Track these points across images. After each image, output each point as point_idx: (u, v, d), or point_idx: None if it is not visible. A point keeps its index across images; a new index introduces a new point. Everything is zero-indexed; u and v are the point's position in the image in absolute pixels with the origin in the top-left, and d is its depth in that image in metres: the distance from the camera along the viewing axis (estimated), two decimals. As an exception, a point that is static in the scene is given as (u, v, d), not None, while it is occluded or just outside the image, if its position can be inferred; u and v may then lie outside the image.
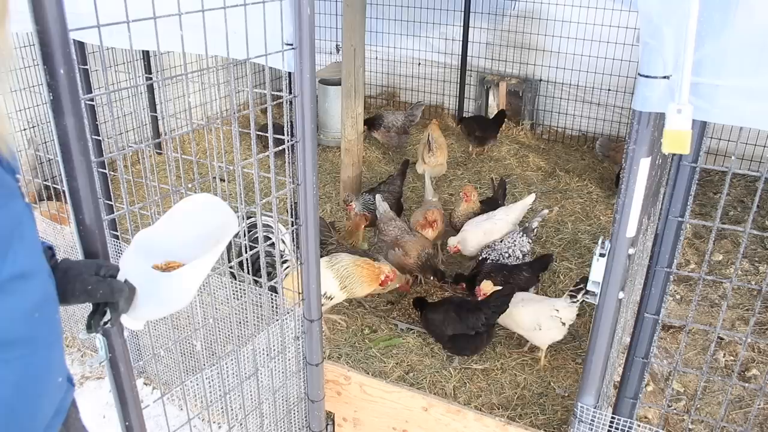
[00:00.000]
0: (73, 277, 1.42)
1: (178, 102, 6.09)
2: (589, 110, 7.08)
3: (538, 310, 3.68)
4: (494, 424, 2.65)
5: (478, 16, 7.22)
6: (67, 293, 1.41)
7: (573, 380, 3.68)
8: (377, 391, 2.88)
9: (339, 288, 3.85)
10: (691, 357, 3.88)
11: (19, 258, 1.16)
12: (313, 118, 2.27)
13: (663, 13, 1.57)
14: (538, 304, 3.74)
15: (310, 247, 2.53)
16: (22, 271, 1.17)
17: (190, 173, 5.70)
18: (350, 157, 5.35)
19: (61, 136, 1.42)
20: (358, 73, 4.90)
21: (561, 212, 5.62)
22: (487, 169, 6.48)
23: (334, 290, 3.86)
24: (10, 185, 1.20)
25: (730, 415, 3.44)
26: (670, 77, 1.64)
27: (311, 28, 2.11)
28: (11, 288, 1.15)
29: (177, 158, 5.23)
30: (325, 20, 7.73)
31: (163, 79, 2.06)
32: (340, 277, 3.83)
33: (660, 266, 1.95)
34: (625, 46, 6.54)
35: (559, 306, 3.68)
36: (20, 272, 1.16)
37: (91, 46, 4.13)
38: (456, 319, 3.65)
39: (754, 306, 4.17)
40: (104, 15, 1.54)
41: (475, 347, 3.74)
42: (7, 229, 1.14)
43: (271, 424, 2.87)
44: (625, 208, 1.85)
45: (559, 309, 3.66)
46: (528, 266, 4.22)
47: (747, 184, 6.11)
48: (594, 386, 2.17)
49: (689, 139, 1.59)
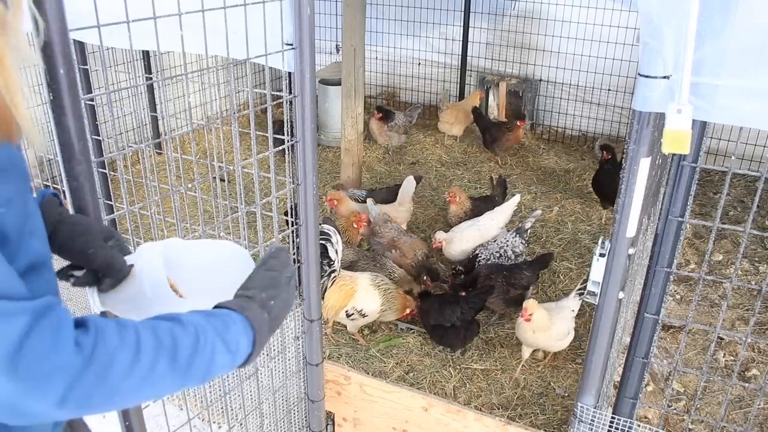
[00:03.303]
0: (79, 234, 1.32)
1: (178, 102, 6.09)
2: (589, 110, 7.08)
3: (565, 316, 3.66)
4: (494, 424, 2.65)
5: (478, 16, 7.22)
6: (65, 246, 1.31)
7: (573, 380, 3.68)
8: (377, 391, 2.88)
9: (378, 310, 3.88)
10: (691, 357, 3.88)
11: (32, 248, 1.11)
12: (313, 118, 2.27)
13: (663, 13, 1.57)
14: (562, 311, 3.70)
15: (310, 247, 2.54)
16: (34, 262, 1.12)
17: (190, 173, 5.70)
18: (350, 157, 5.35)
19: (61, 136, 1.42)
20: (358, 73, 4.90)
21: (561, 212, 5.62)
22: (486, 169, 6.48)
23: (373, 310, 3.87)
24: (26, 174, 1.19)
25: (730, 415, 3.44)
26: (670, 77, 1.64)
27: (311, 28, 2.11)
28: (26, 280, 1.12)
29: (177, 158, 5.23)
30: (325, 20, 7.73)
31: (163, 79, 2.06)
32: (384, 300, 3.87)
33: (660, 266, 1.95)
34: (625, 46, 6.54)
35: (573, 306, 3.72)
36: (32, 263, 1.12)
37: (91, 46, 4.14)
38: (437, 311, 3.76)
39: (754, 306, 4.17)
40: (104, 15, 1.54)
41: (454, 340, 3.80)
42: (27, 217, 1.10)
43: (271, 424, 2.87)
44: (625, 208, 1.85)
45: (574, 309, 3.71)
46: (528, 265, 4.23)
47: (747, 184, 6.11)
48: (594, 386, 2.17)
49: (689, 139, 1.59)
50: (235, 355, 1.17)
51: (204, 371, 1.11)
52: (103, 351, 0.98)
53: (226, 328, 1.15)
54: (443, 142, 7.06)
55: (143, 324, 1.07)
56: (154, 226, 2.08)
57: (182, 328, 1.09)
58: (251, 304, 1.24)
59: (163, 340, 1.06)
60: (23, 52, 1.04)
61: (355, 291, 3.83)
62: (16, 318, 0.91)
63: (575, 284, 4.55)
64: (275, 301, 1.28)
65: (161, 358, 1.04)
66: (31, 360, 0.90)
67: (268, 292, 1.28)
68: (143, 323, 1.08)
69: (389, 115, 6.54)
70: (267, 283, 1.31)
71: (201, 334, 1.10)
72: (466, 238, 4.51)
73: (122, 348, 1.00)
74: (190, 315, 1.15)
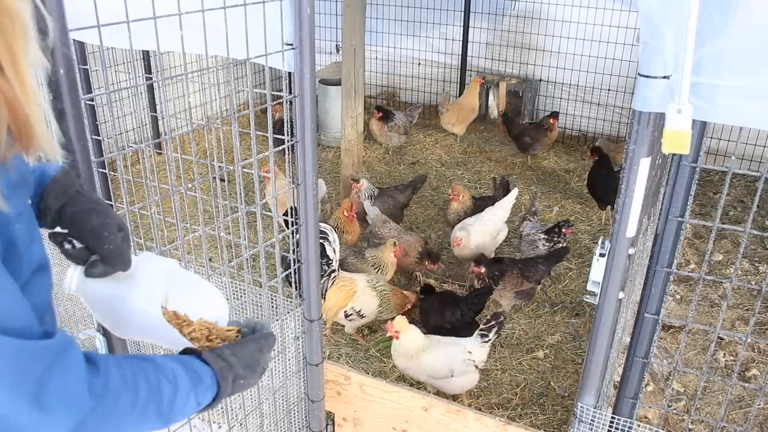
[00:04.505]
0: (98, 213, 1.28)
1: (178, 102, 6.09)
2: (589, 110, 7.08)
3: (451, 354, 3.31)
4: (494, 424, 2.64)
5: (478, 16, 7.22)
6: (77, 220, 1.27)
7: (573, 380, 3.68)
8: (377, 391, 2.88)
9: (376, 311, 3.90)
10: (691, 357, 3.88)
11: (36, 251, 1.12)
12: (313, 118, 2.27)
13: (663, 13, 1.57)
14: (450, 347, 3.36)
15: (310, 247, 2.53)
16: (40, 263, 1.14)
17: (190, 173, 5.70)
18: (350, 157, 5.35)
19: (61, 136, 1.42)
20: (358, 73, 4.90)
21: (561, 212, 5.63)
22: (487, 169, 6.49)
23: (371, 311, 3.90)
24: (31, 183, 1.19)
25: (730, 415, 3.44)
26: (670, 77, 1.64)
27: (311, 28, 2.11)
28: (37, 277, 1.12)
29: (177, 158, 5.23)
30: (325, 20, 7.73)
31: (163, 79, 2.06)
32: (381, 300, 3.89)
33: (660, 266, 1.95)
34: (625, 46, 6.54)
35: (472, 347, 3.35)
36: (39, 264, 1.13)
37: (91, 46, 4.13)
38: (438, 311, 3.76)
39: (754, 306, 4.17)
40: (104, 15, 1.54)
41: None
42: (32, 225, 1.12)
43: (271, 424, 2.87)
44: (625, 208, 1.85)
45: (472, 351, 3.33)
46: (544, 259, 4.24)
47: (747, 184, 6.11)
48: (594, 386, 2.17)
49: (689, 139, 1.59)
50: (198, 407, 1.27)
51: (176, 416, 1.22)
52: (109, 392, 1.06)
53: (200, 382, 1.25)
54: (443, 142, 7.06)
55: (137, 366, 1.14)
56: (154, 226, 2.08)
57: (165, 377, 1.18)
58: (227, 374, 1.30)
59: (153, 386, 1.14)
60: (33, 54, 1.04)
61: (355, 292, 3.83)
62: (42, 355, 0.97)
63: (575, 284, 4.56)
64: (243, 381, 1.34)
65: (152, 403, 1.14)
66: (53, 396, 0.96)
67: (244, 372, 1.34)
68: (135, 365, 1.15)
69: (389, 115, 6.54)
70: (249, 362, 1.36)
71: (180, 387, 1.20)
72: (477, 233, 4.53)
73: (125, 390, 1.09)
74: (171, 363, 1.22)
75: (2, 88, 0.93)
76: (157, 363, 1.19)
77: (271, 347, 1.42)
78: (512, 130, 6.54)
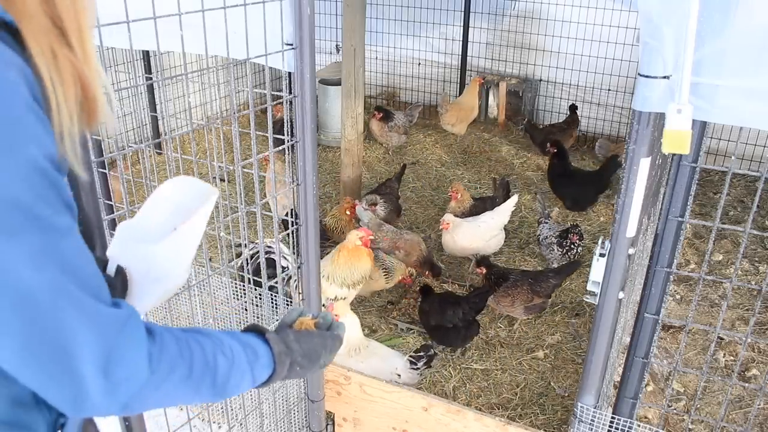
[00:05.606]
0: None
1: (178, 102, 6.09)
2: (589, 110, 7.07)
3: (379, 369, 3.25)
4: (494, 424, 2.64)
5: (478, 16, 7.22)
6: None
7: (573, 380, 3.68)
8: (377, 391, 2.88)
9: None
10: (691, 357, 3.88)
11: None
12: (313, 118, 2.27)
13: (663, 13, 1.57)
14: (381, 362, 3.33)
15: (310, 247, 2.53)
16: None
17: (190, 173, 5.70)
18: (350, 157, 5.35)
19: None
20: (358, 73, 4.90)
21: (561, 212, 5.62)
22: (486, 169, 6.48)
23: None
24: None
25: (730, 415, 3.44)
26: (670, 77, 1.64)
27: (311, 28, 2.11)
28: None
29: (177, 158, 5.23)
30: (325, 20, 7.73)
31: (163, 79, 2.06)
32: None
33: (660, 266, 1.95)
34: (625, 46, 6.54)
35: (401, 369, 3.34)
36: None
37: (91, 46, 4.13)
38: (438, 311, 3.76)
39: (754, 306, 4.17)
40: (104, 15, 1.54)
41: (454, 340, 3.81)
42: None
43: (271, 424, 2.87)
44: (625, 208, 1.85)
45: (401, 373, 3.33)
46: (555, 273, 4.14)
47: (747, 184, 6.11)
48: (594, 386, 2.17)
49: (689, 139, 1.59)
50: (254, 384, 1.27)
51: (231, 391, 1.21)
52: (165, 364, 1.06)
53: (257, 360, 1.25)
54: (443, 142, 7.06)
55: (193, 339, 1.13)
56: (154, 226, 2.08)
57: (221, 352, 1.17)
58: (285, 358, 1.31)
59: (209, 360, 1.14)
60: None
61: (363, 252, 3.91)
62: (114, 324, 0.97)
63: (575, 284, 4.56)
64: (300, 369, 1.34)
65: (207, 376, 1.13)
66: (118, 365, 0.97)
67: (302, 360, 1.34)
68: (191, 338, 1.14)
69: (389, 115, 6.54)
70: (309, 352, 1.36)
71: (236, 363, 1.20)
72: (465, 233, 4.52)
73: (181, 363, 1.08)
74: (229, 339, 1.22)
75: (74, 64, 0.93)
76: (214, 337, 1.19)
77: (334, 348, 1.44)
78: (536, 138, 6.47)
